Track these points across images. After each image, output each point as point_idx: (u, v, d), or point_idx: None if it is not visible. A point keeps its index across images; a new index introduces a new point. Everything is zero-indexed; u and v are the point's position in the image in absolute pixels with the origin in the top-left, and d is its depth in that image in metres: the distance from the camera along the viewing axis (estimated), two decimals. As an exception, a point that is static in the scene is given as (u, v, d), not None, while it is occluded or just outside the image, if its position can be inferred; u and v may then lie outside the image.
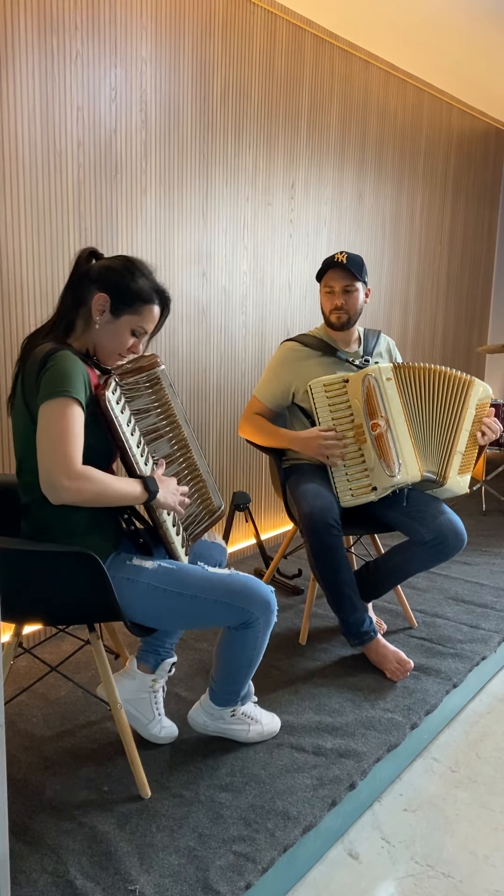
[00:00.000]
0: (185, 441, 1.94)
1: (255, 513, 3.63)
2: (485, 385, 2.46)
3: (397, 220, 4.33)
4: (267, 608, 1.78)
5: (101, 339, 1.75)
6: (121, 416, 1.69)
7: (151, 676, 1.99)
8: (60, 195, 2.49)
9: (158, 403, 1.86)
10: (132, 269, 1.74)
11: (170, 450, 1.88)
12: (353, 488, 2.39)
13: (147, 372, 1.84)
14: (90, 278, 1.73)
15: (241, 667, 1.87)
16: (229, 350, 3.31)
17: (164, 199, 2.87)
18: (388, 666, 2.37)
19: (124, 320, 1.74)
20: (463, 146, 4.85)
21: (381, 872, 1.75)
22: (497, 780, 2.09)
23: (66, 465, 1.53)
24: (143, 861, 1.60)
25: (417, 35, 3.59)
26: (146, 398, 1.82)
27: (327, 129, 3.65)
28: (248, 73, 3.15)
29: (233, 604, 1.73)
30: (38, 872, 1.56)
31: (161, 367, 1.88)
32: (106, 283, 1.72)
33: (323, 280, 2.51)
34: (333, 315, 2.51)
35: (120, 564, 1.73)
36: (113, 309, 1.72)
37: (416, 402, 2.40)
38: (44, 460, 1.54)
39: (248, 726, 1.99)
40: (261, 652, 1.86)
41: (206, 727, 1.98)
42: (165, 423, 1.87)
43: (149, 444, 1.80)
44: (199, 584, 1.73)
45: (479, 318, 5.50)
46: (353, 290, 2.48)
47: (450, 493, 2.44)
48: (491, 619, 2.81)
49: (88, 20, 2.47)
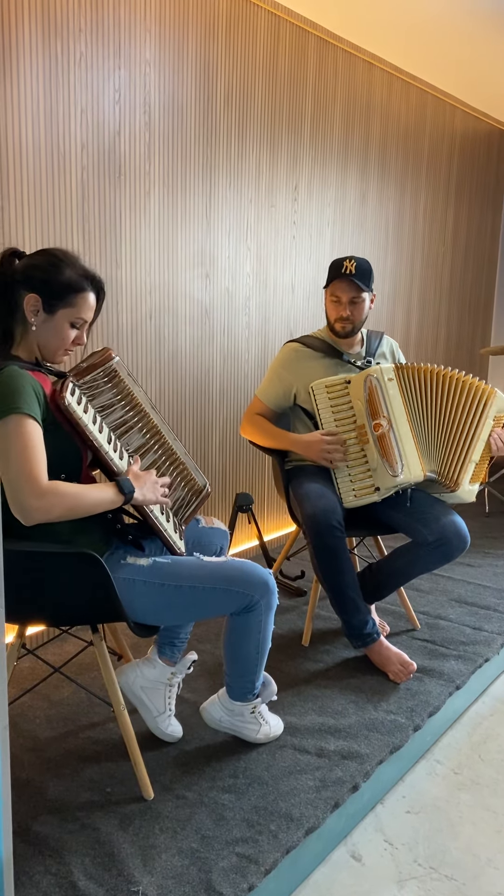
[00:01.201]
0: (156, 428, 1.92)
1: (258, 514, 3.63)
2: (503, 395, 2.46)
3: (400, 221, 4.33)
4: (266, 589, 1.78)
5: (41, 339, 1.70)
6: (85, 417, 1.66)
7: (171, 669, 2.00)
8: (64, 197, 2.49)
9: (121, 396, 1.84)
10: (56, 262, 1.68)
11: (143, 440, 1.86)
12: (356, 489, 2.39)
13: (103, 367, 1.80)
14: (16, 280, 1.68)
15: (250, 654, 1.87)
16: (232, 351, 3.31)
17: (167, 200, 2.87)
18: (390, 668, 2.37)
19: (60, 315, 1.69)
20: (466, 148, 4.85)
21: (383, 875, 1.74)
22: (500, 782, 2.09)
23: (31, 484, 1.50)
24: (146, 862, 1.60)
25: (421, 37, 3.60)
26: (108, 393, 1.80)
27: (331, 130, 3.65)
28: (251, 75, 3.15)
29: (231, 589, 1.73)
30: (41, 874, 1.56)
31: (115, 360, 1.85)
32: (32, 281, 1.67)
33: (330, 288, 2.50)
34: (339, 324, 2.51)
35: (114, 565, 1.73)
36: (46, 306, 1.67)
37: (420, 402, 2.40)
38: (8, 483, 1.51)
39: (259, 726, 1.99)
40: (267, 637, 1.86)
41: (221, 723, 1.98)
42: (133, 415, 1.85)
43: (120, 438, 1.78)
44: (196, 575, 1.73)
45: (483, 320, 5.50)
46: (359, 301, 2.48)
47: (458, 499, 2.43)
48: (494, 621, 2.81)
49: (92, 23, 2.48)
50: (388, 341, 2.70)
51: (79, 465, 1.71)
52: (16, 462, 1.51)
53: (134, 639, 2.61)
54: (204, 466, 3.26)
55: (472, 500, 2.45)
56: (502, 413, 2.45)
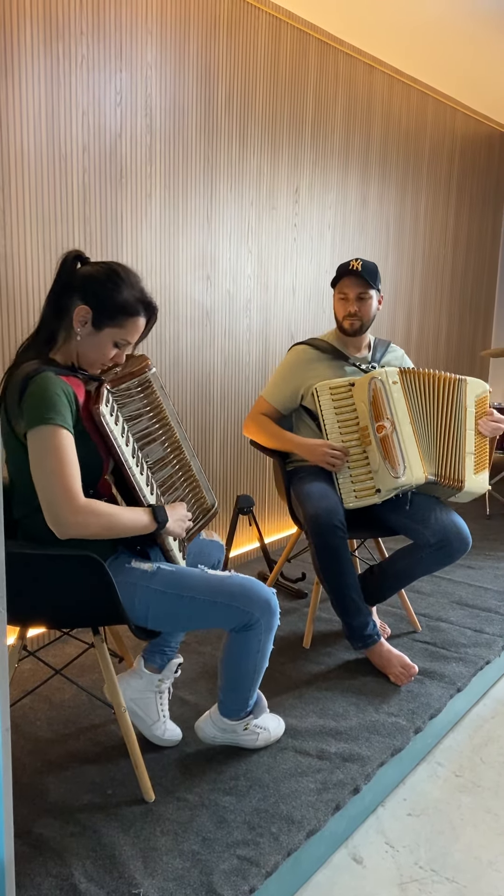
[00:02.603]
0: (177, 443, 1.93)
1: (259, 516, 3.63)
2: (478, 381, 2.47)
3: (401, 224, 4.33)
4: (268, 609, 1.77)
5: (82, 350, 1.71)
6: (116, 429, 1.67)
7: (158, 676, 1.99)
8: (65, 199, 2.49)
9: (150, 407, 1.85)
10: (117, 280, 1.68)
11: (163, 452, 1.87)
12: (357, 490, 2.40)
13: (138, 377, 1.82)
14: (73, 287, 1.69)
15: (247, 673, 1.86)
16: (233, 354, 3.32)
17: (168, 203, 2.88)
18: (392, 670, 2.37)
19: (106, 332, 1.69)
20: (467, 150, 4.86)
21: (385, 877, 1.74)
22: (501, 784, 2.08)
23: (69, 500, 1.52)
24: (147, 865, 1.60)
25: (421, 39, 3.60)
26: (137, 403, 1.81)
27: (331, 133, 3.65)
28: (252, 78, 3.16)
29: (232, 605, 1.73)
30: (42, 876, 1.56)
31: (152, 371, 1.86)
32: (88, 294, 1.67)
33: (337, 286, 2.53)
34: (347, 321, 2.52)
35: (118, 568, 1.73)
36: (95, 321, 1.68)
37: (421, 406, 2.41)
38: (45, 496, 1.54)
39: (257, 735, 1.98)
40: (265, 657, 1.85)
41: (215, 739, 1.97)
42: (158, 427, 1.86)
43: (142, 449, 1.79)
44: (198, 586, 1.73)
45: (483, 322, 5.50)
46: (366, 298, 2.50)
47: (470, 494, 2.41)
48: (495, 623, 2.81)
49: (94, 25, 2.48)
50: (395, 350, 2.71)
51: (100, 474, 1.73)
52: (53, 475, 1.53)
53: (135, 641, 2.61)
54: (205, 468, 3.26)
55: (485, 489, 2.43)
56: (480, 396, 2.47)
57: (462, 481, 2.37)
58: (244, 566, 3.45)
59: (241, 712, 1.93)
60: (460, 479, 2.37)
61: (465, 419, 2.41)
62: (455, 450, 2.40)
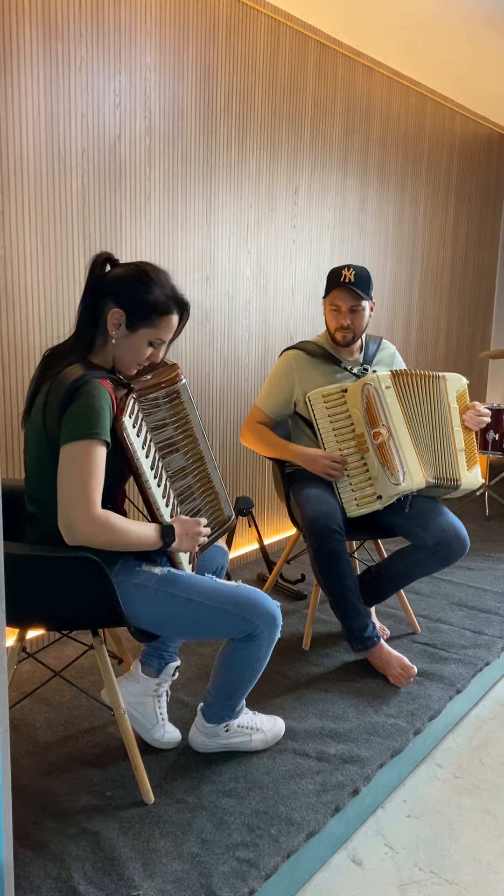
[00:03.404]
0: (200, 454, 1.94)
1: (258, 518, 3.63)
2: (456, 375, 2.48)
3: (400, 225, 4.34)
4: (272, 622, 1.78)
5: (118, 352, 1.73)
6: (136, 441, 1.68)
7: (156, 680, 1.99)
8: (65, 201, 2.49)
9: (176, 417, 1.86)
10: (146, 281, 1.69)
11: (184, 462, 1.88)
12: (358, 498, 2.40)
13: (167, 388, 1.82)
14: (104, 291, 1.69)
15: (242, 681, 1.86)
16: (232, 355, 3.32)
17: (167, 204, 2.88)
18: (391, 671, 2.36)
19: (141, 333, 1.71)
20: (466, 152, 4.86)
21: (384, 879, 1.74)
22: (501, 786, 2.08)
23: (87, 510, 1.54)
24: (147, 867, 1.60)
25: (420, 41, 3.60)
26: (164, 412, 1.82)
27: (330, 134, 3.66)
28: (251, 80, 3.16)
29: (239, 615, 1.73)
30: (41, 878, 1.56)
31: (182, 382, 1.86)
32: (119, 296, 1.68)
33: (329, 298, 2.50)
34: (339, 333, 2.50)
35: (128, 570, 1.74)
36: (128, 323, 1.69)
37: (415, 408, 2.41)
38: (65, 502, 1.55)
39: (250, 737, 1.98)
40: (262, 668, 1.85)
41: (207, 746, 1.97)
42: (182, 437, 1.87)
43: (164, 458, 1.80)
44: (208, 592, 1.73)
45: (483, 323, 5.50)
46: (359, 310, 2.47)
47: (465, 490, 2.46)
48: (494, 624, 2.81)
49: (93, 27, 2.48)
50: (387, 347, 2.70)
51: (119, 483, 1.74)
52: (76, 483, 1.54)
53: (135, 643, 2.61)
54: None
55: (479, 483, 2.46)
56: (460, 390, 2.48)
57: (458, 480, 2.39)
58: (244, 568, 3.45)
59: (226, 718, 1.94)
60: (456, 478, 2.39)
61: (450, 417, 2.42)
62: (446, 449, 2.41)
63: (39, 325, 2.47)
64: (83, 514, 1.54)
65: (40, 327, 2.48)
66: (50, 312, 2.50)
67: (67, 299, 2.54)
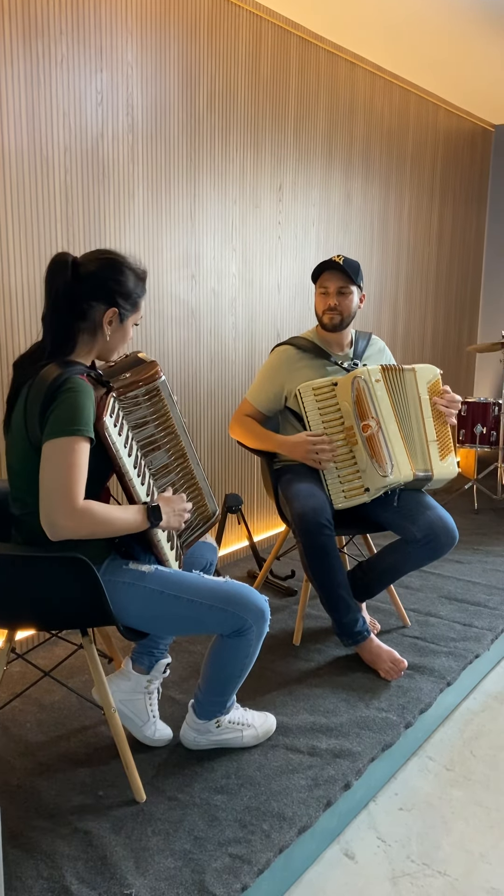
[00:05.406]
0: (182, 451, 1.94)
1: (248, 515, 3.63)
2: (427, 366, 2.49)
3: (385, 220, 4.34)
4: (261, 617, 1.78)
5: (111, 345, 1.75)
6: (118, 440, 1.68)
7: (146, 677, 1.99)
8: (48, 200, 2.48)
9: (157, 415, 1.86)
10: (123, 270, 1.71)
11: (167, 460, 1.88)
12: (346, 490, 2.40)
13: (147, 385, 1.82)
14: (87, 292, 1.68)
15: (232, 677, 1.86)
16: (219, 352, 3.31)
17: (151, 202, 2.87)
18: (381, 665, 2.37)
19: (129, 320, 1.77)
20: (450, 146, 4.87)
21: (377, 872, 1.75)
22: (492, 777, 2.09)
23: (67, 502, 1.53)
24: (139, 865, 1.60)
25: (402, 36, 3.61)
26: (144, 410, 1.82)
27: (314, 130, 3.65)
28: (234, 76, 3.16)
29: (228, 610, 1.73)
30: (33, 878, 1.56)
31: (161, 379, 1.86)
32: (108, 296, 1.69)
33: (318, 281, 2.51)
34: (326, 316, 2.51)
35: (116, 568, 1.73)
36: (121, 317, 1.73)
37: (402, 402, 2.42)
38: (46, 497, 1.54)
39: (241, 732, 1.98)
40: (251, 662, 1.86)
41: (198, 743, 1.97)
42: (163, 435, 1.87)
43: (146, 456, 1.80)
44: (196, 589, 1.73)
45: (469, 318, 5.52)
46: (347, 293, 2.48)
47: (440, 481, 2.45)
48: (484, 617, 2.82)
49: (73, 25, 2.47)
50: (376, 343, 2.70)
51: (103, 480, 1.74)
52: (58, 477, 1.54)
53: (125, 641, 2.61)
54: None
55: (453, 474, 2.46)
56: (432, 381, 2.49)
57: (430, 471, 2.40)
58: (234, 564, 3.45)
59: (217, 714, 1.94)
60: (427, 468, 2.40)
61: (420, 408, 2.43)
62: (422, 440, 2.42)
63: (23, 324, 2.46)
64: (64, 508, 1.53)
65: (24, 327, 2.46)
66: (33, 311, 2.48)
67: (52, 298, 2.53)
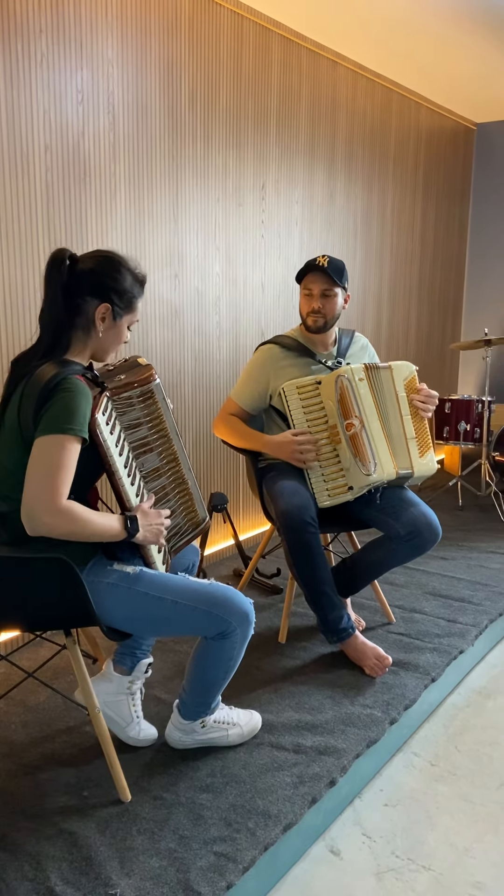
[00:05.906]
0: (174, 454, 1.93)
1: (233, 513, 3.63)
2: (403, 363, 2.50)
3: (369, 219, 4.35)
4: (245, 620, 1.78)
5: (104, 344, 1.76)
6: (109, 439, 1.67)
7: (128, 678, 1.98)
8: (29, 199, 2.47)
9: (150, 417, 1.85)
10: (120, 269, 1.72)
11: (158, 463, 1.88)
12: (330, 489, 2.40)
13: (141, 387, 1.82)
14: (81, 288, 1.69)
15: (216, 679, 1.87)
16: (204, 351, 3.31)
17: (134, 201, 2.86)
18: (366, 662, 2.38)
19: (124, 321, 1.76)
20: (432, 145, 4.89)
21: (362, 868, 1.75)
22: (476, 772, 2.11)
23: (50, 499, 1.53)
24: (124, 865, 1.59)
25: (384, 35, 3.62)
26: (138, 412, 1.82)
27: (296, 129, 3.66)
28: (215, 74, 3.15)
29: (212, 612, 1.73)
30: (18, 880, 1.55)
31: (155, 382, 1.86)
32: (102, 291, 1.70)
33: (303, 282, 2.51)
34: (310, 318, 2.51)
35: (101, 569, 1.73)
36: (114, 315, 1.73)
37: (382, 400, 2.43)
38: (30, 491, 1.54)
39: (226, 731, 1.98)
40: (236, 665, 1.86)
41: (184, 742, 1.97)
42: (156, 437, 1.87)
43: (138, 458, 1.80)
44: (180, 591, 1.73)
45: (452, 315, 5.55)
46: (331, 295, 2.48)
47: (420, 478, 2.47)
48: (468, 613, 2.84)
49: (53, 22, 2.46)
50: (359, 339, 2.71)
51: (92, 480, 1.74)
52: (44, 473, 1.54)
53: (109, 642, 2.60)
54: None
55: (433, 470, 2.47)
56: (408, 377, 2.49)
57: (410, 468, 2.41)
58: (219, 563, 3.45)
59: (202, 714, 1.94)
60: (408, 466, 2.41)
61: (398, 405, 2.44)
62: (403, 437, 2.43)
63: (4, 325, 2.45)
64: (46, 504, 1.52)
65: (5, 328, 2.45)
66: (15, 312, 2.47)
67: (33, 299, 2.52)
